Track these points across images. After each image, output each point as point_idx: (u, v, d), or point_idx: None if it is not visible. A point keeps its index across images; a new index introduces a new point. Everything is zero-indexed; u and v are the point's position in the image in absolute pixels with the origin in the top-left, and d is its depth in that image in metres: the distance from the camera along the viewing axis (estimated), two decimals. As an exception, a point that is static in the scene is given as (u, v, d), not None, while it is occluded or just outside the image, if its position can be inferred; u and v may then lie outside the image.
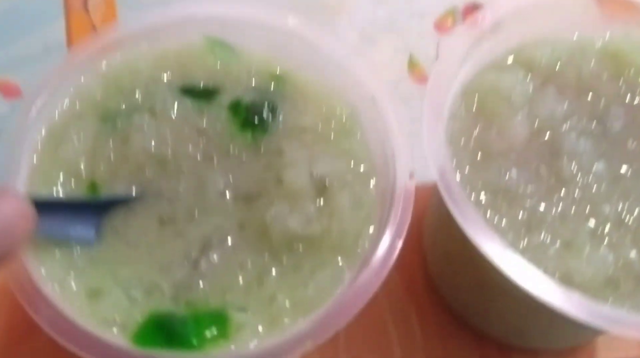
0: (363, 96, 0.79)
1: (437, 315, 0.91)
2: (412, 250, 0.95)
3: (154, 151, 0.76)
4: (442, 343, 0.89)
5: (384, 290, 0.87)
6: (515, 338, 0.88)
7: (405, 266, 0.93)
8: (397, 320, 0.90)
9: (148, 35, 0.84)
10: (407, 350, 0.88)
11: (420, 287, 0.93)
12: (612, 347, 0.89)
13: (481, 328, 0.89)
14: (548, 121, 0.82)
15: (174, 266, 0.71)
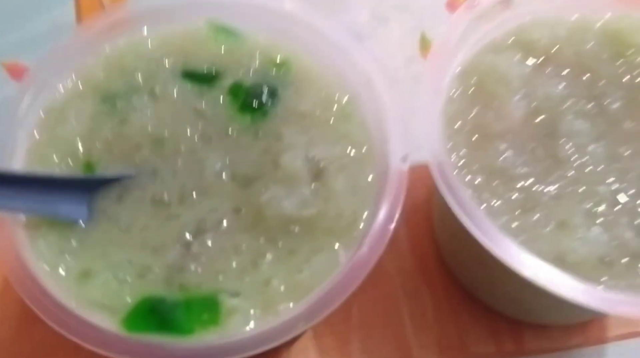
0: (362, 80, 0.75)
1: (448, 291, 0.87)
2: (423, 228, 0.91)
3: (151, 131, 0.72)
4: (453, 318, 0.85)
5: (396, 268, 0.85)
6: (523, 314, 0.83)
7: (417, 244, 0.90)
8: (410, 297, 0.86)
9: (152, 19, 0.79)
10: (418, 326, 0.84)
11: (431, 265, 0.89)
12: (623, 322, 0.85)
13: (491, 304, 0.84)
14: (545, 102, 0.76)
15: (167, 249, 0.66)
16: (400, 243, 0.90)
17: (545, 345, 0.84)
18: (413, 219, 0.91)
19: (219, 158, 0.71)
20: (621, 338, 0.84)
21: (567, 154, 0.73)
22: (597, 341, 0.84)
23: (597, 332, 0.84)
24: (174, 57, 0.77)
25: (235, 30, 0.80)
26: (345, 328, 0.84)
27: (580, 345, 0.84)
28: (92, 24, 0.78)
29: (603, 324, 0.85)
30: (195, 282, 0.65)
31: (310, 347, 0.82)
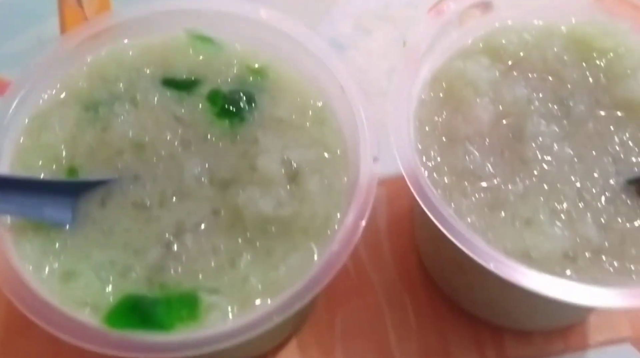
0: (336, 87, 0.77)
1: (430, 300, 0.88)
2: (406, 238, 0.93)
3: (133, 138, 0.74)
4: (435, 327, 0.86)
5: (380, 279, 0.87)
6: (503, 319, 0.86)
7: (400, 254, 0.91)
8: (392, 307, 0.88)
9: (132, 29, 0.82)
10: (401, 335, 0.86)
11: (414, 274, 0.90)
12: (603, 328, 0.86)
13: (472, 311, 0.87)
14: (512, 105, 0.79)
15: (148, 250, 0.68)
16: (384, 254, 0.91)
17: (527, 351, 0.85)
18: (396, 231, 0.93)
19: (198, 162, 0.73)
20: (602, 345, 0.86)
21: (533, 155, 0.76)
22: (577, 347, 0.85)
23: (578, 338, 0.86)
24: (154, 66, 0.80)
25: (213, 39, 0.82)
26: (329, 338, 0.85)
27: (562, 351, 0.85)
28: (74, 35, 0.80)
29: (584, 330, 0.86)
30: (175, 281, 0.67)
31: (295, 356, 0.84)
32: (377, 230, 0.93)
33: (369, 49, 1.11)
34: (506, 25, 0.86)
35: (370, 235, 0.91)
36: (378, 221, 0.93)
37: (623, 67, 0.82)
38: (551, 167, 0.75)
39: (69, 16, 1.12)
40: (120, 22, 0.81)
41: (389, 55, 1.10)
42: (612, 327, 0.86)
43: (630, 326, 0.86)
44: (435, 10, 0.82)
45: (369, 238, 0.91)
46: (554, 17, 0.86)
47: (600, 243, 0.71)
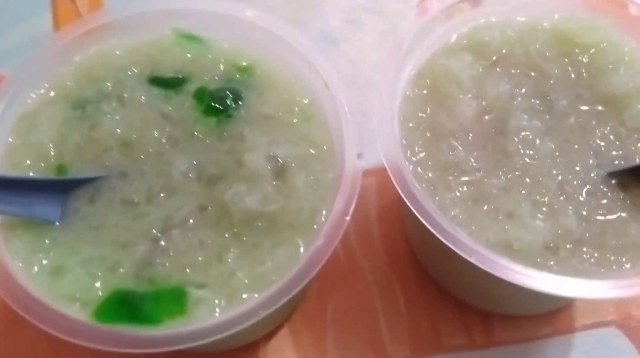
0: (321, 84, 0.78)
1: (420, 286, 0.90)
2: (396, 226, 0.94)
3: (120, 135, 0.75)
4: (425, 313, 0.88)
5: (370, 266, 0.88)
6: (491, 306, 0.87)
7: (390, 242, 0.93)
8: (383, 294, 0.89)
9: (120, 29, 0.83)
10: (392, 321, 0.87)
11: (404, 262, 0.92)
12: (589, 312, 0.88)
13: (461, 297, 0.88)
14: (495, 100, 0.80)
15: (136, 245, 0.69)
16: (374, 242, 0.93)
17: (515, 335, 0.87)
18: (385, 219, 0.95)
19: (186, 159, 0.75)
20: (588, 328, 0.87)
21: (516, 149, 0.77)
22: (565, 331, 0.87)
23: (565, 322, 0.87)
24: (141, 65, 0.81)
25: (200, 38, 0.84)
26: (321, 325, 0.87)
27: (549, 335, 0.87)
28: (63, 35, 0.81)
29: (570, 314, 0.88)
30: (163, 275, 0.68)
31: (287, 343, 0.85)
32: (367, 219, 0.94)
33: (359, 42, 1.12)
34: (490, 22, 0.87)
35: (361, 223, 0.93)
36: (368, 210, 0.95)
37: (605, 63, 0.83)
38: (533, 161, 0.76)
39: (62, 11, 1.13)
40: (107, 22, 0.82)
41: (379, 48, 1.11)
42: (598, 311, 0.88)
43: (615, 310, 0.88)
44: (420, 8, 0.83)
45: (360, 226, 0.93)
46: (537, 12, 0.87)
47: (581, 234, 0.72)
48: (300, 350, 0.85)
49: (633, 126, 0.78)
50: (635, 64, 0.82)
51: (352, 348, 0.85)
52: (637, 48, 0.84)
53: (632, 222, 0.73)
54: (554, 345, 0.86)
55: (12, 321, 0.82)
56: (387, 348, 0.85)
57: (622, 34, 0.85)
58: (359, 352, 0.85)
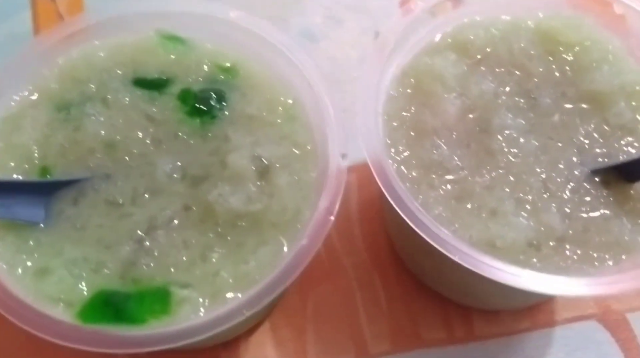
0: (304, 84, 0.79)
1: (400, 281, 0.91)
2: (376, 222, 0.95)
3: (104, 137, 0.76)
4: (405, 307, 0.89)
5: (351, 261, 0.89)
6: (471, 301, 0.88)
7: (371, 238, 0.94)
8: (363, 289, 0.90)
9: (103, 30, 0.83)
10: (372, 316, 0.88)
11: (384, 256, 0.93)
12: (569, 306, 0.89)
13: (441, 292, 0.89)
14: (479, 99, 0.81)
15: (120, 246, 0.70)
16: (355, 238, 0.94)
17: (495, 330, 0.88)
18: (366, 215, 0.95)
19: (170, 159, 0.75)
20: (568, 322, 0.88)
21: (500, 147, 0.78)
22: (545, 325, 0.88)
23: (545, 316, 0.88)
24: (124, 66, 0.82)
25: (183, 39, 0.84)
26: (301, 320, 0.88)
27: (529, 329, 0.88)
28: (46, 36, 0.82)
29: (551, 308, 0.89)
30: (147, 275, 0.69)
31: (267, 338, 0.86)
32: (348, 215, 0.95)
33: (340, 39, 1.12)
34: (474, 20, 0.88)
35: (342, 219, 0.93)
36: (349, 206, 0.96)
37: (589, 61, 0.84)
38: (517, 159, 0.77)
39: (42, 11, 1.13)
40: (90, 24, 0.83)
41: (360, 44, 1.11)
42: (578, 305, 0.89)
43: (595, 304, 0.89)
44: (405, 8, 0.83)
45: (341, 222, 0.93)
46: (521, 11, 0.88)
47: (564, 231, 0.73)
48: (281, 345, 0.86)
49: (616, 123, 0.79)
50: (618, 62, 0.83)
51: (333, 343, 0.86)
52: (621, 46, 0.84)
53: (615, 219, 0.74)
54: (534, 339, 0.87)
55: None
56: (368, 342, 0.86)
57: (606, 32, 0.85)
58: (340, 346, 0.86)
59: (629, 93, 0.80)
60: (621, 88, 0.80)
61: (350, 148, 0.73)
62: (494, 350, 0.86)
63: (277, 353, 0.85)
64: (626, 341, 0.86)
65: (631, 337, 0.86)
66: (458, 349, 0.86)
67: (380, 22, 1.12)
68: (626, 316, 0.88)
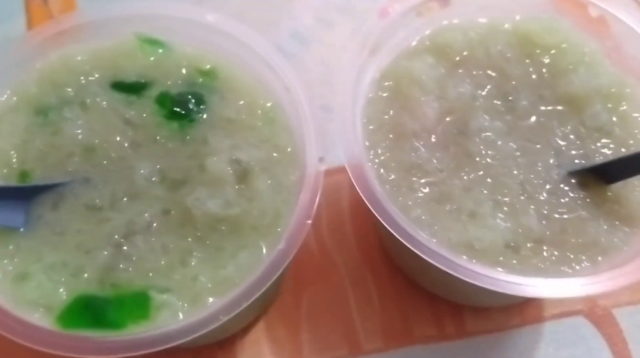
0: (283, 87, 0.79)
1: (391, 279, 0.91)
2: (367, 220, 0.95)
3: (83, 141, 0.76)
4: (397, 305, 0.89)
5: (343, 260, 0.90)
6: (461, 298, 0.88)
7: (362, 236, 0.94)
8: (356, 287, 0.91)
9: (81, 34, 0.83)
10: (365, 314, 0.89)
11: (375, 255, 0.93)
12: (557, 303, 0.90)
13: (431, 290, 0.89)
14: (457, 101, 0.81)
15: (99, 250, 0.70)
16: (347, 236, 0.94)
17: (485, 326, 0.88)
18: (358, 213, 0.95)
19: (148, 163, 0.75)
20: (557, 318, 0.89)
21: (478, 150, 0.78)
22: (534, 321, 0.89)
23: (534, 312, 0.89)
24: (103, 70, 0.81)
25: (163, 42, 0.84)
26: (296, 318, 0.88)
27: (519, 325, 0.89)
28: (24, 41, 0.82)
29: (540, 305, 0.90)
30: (126, 280, 0.69)
31: (263, 337, 0.87)
32: (340, 213, 0.95)
33: (330, 41, 1.12)
34: (452, 23, 0.88)
35: (334, 218, 0.94)
36: (341, 204, 0.96)
37: (565, 63, 0.85)
38: (495, 161, 0.78)
39: (36, 14, 1.13)
40: (69, 27, 0.83)
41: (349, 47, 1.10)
42: (566, 301, 0.90)
43: (582, 300, 0.90)
44: (382, 11, 0.84)
45: (333, 221, 0.94)
46: (500, 14, 0.89)
47: (542, 233, 0.74)
48: (276, 343, 0.86)
49: (592, 125, 0.79)
50: (594, 65, 0.84)
51: (327, 340, 0.87)
52: (597, 49, 0.85)
53: (592, 220, 0.74)
54: (524, 335, 0.88)
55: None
56: (361, 339, 0.87)
57: (583, 35, 0.86)
58: (333, 343, 0.86)
59: (604, 95, 0.81)
60: (597, 90, 0.81)
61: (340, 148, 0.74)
62: (485, 346, 0.87)
63: (273, 351, 0.85)
64: (612, 335, 0.87)
65: (617, 332, 0.88)
66: (449, 345, 0.87)
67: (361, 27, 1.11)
68: (612, 311, 0.89)
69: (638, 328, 0.88)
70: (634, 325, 0.88)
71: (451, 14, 0.89)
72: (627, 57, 0.85)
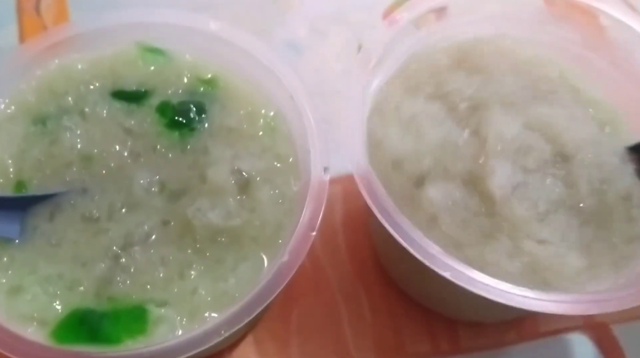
0: (285, 96, 0.77)
1: (385, 293, 0.88)
2: (361, 233, 0.93)
3: (81, 150, 0.73)
4: (390, 320, 0.87)
5: (335, 274, 0.87)
6: (455, 312, 0.86)
7: (355, 249, 0.91)
8: (348, 301, 0.88)
9: (82, 42, 0.81)
10: (357, 329, 0.86)
11: (369, 268, 0.90)
12: (554, 319, 0.87)
13: (426, 304, 0.86)
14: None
15: (96, 263, 0.67)
16: (339, 250, 0.91)
17: (480, 342, 0.86)
18: (352, 227, 0.93)
19: (148, 173, 0.72)
20: (553, 334, 0.86)
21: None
22: (530, 337, 0.86)
23: (530, 329, 0.86)
24: (103, 79, 0.79)
25: (163, 50, 0.82)
26: (285, 333, 0.85)
27: (514, 341, 0.86)
28: (24, 49, 0.80)
29: (536, 320, 0.87)
30: (123, 293, 0.66)
31: (251, 353, 0.84)
32: (333, 227, 0.93)
33: (324, 51, 1.11)
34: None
35: (326, 231, 0.92)
36: (334, 218, 0.93)
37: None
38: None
39: (28, 24, 1.11)
40: (68, 36, 0.80)
41: (344, 57, 1.10)
42: (563, 317, 0.87)
43: (579, 316, 0.87)
44: (390, 19, 0.81)
45: (325, 234, 0.91)
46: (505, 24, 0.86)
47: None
48: (265, 358, 0.82)
49: None
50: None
51: (317, 356, 0.84)
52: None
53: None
54: (520, 351, 0.85)
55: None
56: (352, 355, 0.84)
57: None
58: (323, 359, 0.83)
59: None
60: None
61: (334, 159, 0.71)
62: (480, 362, 0.83)
63: (261, 366, 0.81)
64: (610, 352, 0.85)
65: (615, 348, 0.85)
66: (444, 362, 0.83)
67: (363, 34, 1.11)
68: (610, 327, 0.86)
69: (636, 344, 0.85)
70: (633, 340, 0.85)
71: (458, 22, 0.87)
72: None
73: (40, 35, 0.81)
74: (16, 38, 1.09)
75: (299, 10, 1.14)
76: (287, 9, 1.14)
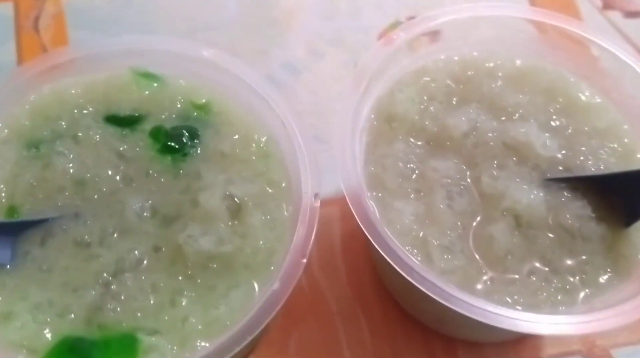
0: (277, 122, 0.76)
1: (384, 315, 0.87)
2: (360, 254, 0.92)
3: (74, 175, 0.72)
4: (390, 343, 0.86)
5: (334, 296, 0.86)
6: (457, 332, 0.85)
7: (354, 270, 0.90)
8: (347, 324, 0.87)
9: (76, 67, 0.80)
10: (356, 352, 0.85)
11: (368, 289, 0.89)
12: (554, 342, 0.86)
13: (425, 323, 0.85)
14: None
15: (87, 289, 0.66)
16: (338, 271, 0.90)
17: (480, 364, 0.83)
18: (350, 247, 0.92)
19: (140, 198, 0.71)
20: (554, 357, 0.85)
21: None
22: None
23: (530, 352, 0.85)
24: (97, 103, 0.78)
25: (157, 75, 0.81)
26: (284, 356, 0.84)
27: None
28: (17, 73, 0.79)
29: (536, 343, 0.86)
30: (113, 321, 0.65)
31: (248, 376, 0.81)
32: (331, 247, 0.92)
33: (321, 72, 1.10)
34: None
35: (325, 252, 0.91)
36: (332, 238, 0.92)
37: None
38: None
39: (26, 42, 1.10)
40: (63, 61, 0.80)
41: (340, 77, 1.10)
42: (563, 340, 0.86)
43: (580, 339, 0.86)
44: (386, 39, 0.81)
45: (323, 255, 0.90)
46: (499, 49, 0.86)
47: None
48: (263, 383, 0.81)
49: None
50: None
51: (316, 379, 0.81)
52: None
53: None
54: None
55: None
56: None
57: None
58: (322, 384, 0.81)
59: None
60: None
61: (330, 179, 0.72)
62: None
63: (260, 392, 0.80)
64: (611, 376, 0.82)
65: (616, 372, 0.82)
66: (443, 384, 0.81)
67: (359, 55, 1.11)
68: (610, 352, 0.85)
69: (637, 369, 0.83)
70: (633, 365, 0.83)
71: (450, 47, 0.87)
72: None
73: (35, 59, 0.80)
74: (14, 56, 1.08)
75: (297, 31, 1.14)
76: (285, 30, 1.14)
